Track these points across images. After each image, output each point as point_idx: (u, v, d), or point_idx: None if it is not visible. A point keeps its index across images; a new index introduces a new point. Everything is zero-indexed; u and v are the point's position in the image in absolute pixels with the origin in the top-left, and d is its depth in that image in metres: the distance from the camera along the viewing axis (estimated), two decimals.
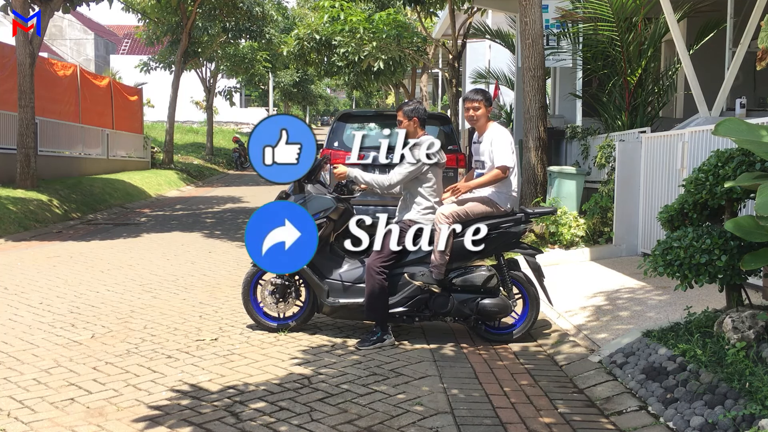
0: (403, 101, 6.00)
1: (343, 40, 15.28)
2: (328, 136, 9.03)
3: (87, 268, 8.04)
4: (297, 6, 36.75)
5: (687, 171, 6.72)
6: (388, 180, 5.18)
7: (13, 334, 5.25)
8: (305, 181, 5.51)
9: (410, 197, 5.26)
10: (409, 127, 5.28)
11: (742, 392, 3.37)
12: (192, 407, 3.82)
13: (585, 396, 4.09)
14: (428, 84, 30.51)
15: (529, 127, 9.62)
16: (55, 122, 16.28)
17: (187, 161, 25.41)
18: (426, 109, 5.51)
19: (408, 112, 5.29)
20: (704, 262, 4.09)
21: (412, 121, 5.28)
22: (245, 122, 47.88)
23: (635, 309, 5.55)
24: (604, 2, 9.53)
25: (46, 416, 3.66)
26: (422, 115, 5.35)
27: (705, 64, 10.32)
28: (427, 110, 6.30)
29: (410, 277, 5.10)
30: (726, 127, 3.79)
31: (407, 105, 5.38)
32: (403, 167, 5.14)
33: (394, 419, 3.69)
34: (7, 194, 11.95)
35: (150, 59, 27.55)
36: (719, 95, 8.02)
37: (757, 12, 7.60)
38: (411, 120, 5.28)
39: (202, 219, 13.23)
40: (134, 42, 44.19)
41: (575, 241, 8.38)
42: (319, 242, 5.36)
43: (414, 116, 5.29)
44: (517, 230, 5.18)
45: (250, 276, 5.52)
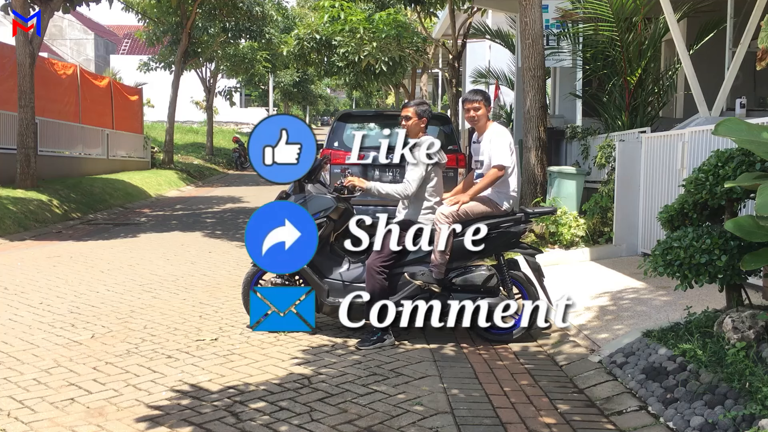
0: (413, 99, 6.01)
1: (343, 40, 15.28)
2: (328, 136, 9.04)
3: (87, 268, 8.04)
4: (297, 6, 36.74)
5: (687, 171, 6.72)
6: (405, 189, 5.16)
7: (13, 334, 5.25)
8: (305, 181, 5.52)
9: (411, 197, 5.26)
10: (416, 126, 5.29)
11: (742, 392, 3.37)
12: (192, 407, 3.82)
13: (585, 396, 4.09)
14: (428, 84, 30.55)
15: (529, 127, 9.62)
16: (55, 122, 16.28)
17: (187, 161, 25.42)
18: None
19: (420, 111, 5.30)
20: (704, 262, 4.09)
21: (421, 120, 5.30)
22: (245, 122, 47.87)
23: (635, 309, 5.55)
24: (604, 2, 9.53)
25: (46, 416, 3.66)
26: (430, 116, 5.39)
27: (705, 64, 10.32)
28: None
29: (410, 276, 5.11)
30: (726, 127, 3.78)
31: (421, 104, 5.39)
32: (415, 171, 5.13)
33: (394, 419, 3.69)
34: (7, 194, 11.95)
35: (150, 59, 27.53)
36: (719, 95, 8.03)
37: (757, 12, 7.60)
38: (421, 119, 5.29)
39: (202, 219, 13.23)
40: (134, 42, 44.18)
41: (575, 241, 8.38)
42: (319, 242, 5.37)
43: (424, 116, 5.31)
44: (517, 230, 5.18)
45: (250, 276, 5.53)
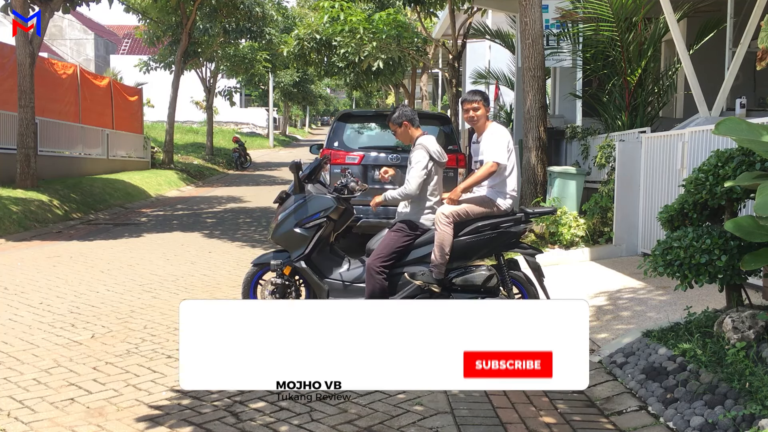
0: (411, 101, 6.04)
1: (343, 40, 15.27)
2: (328, 136, 9.03)
3: (87, 268, 8.04)
4: (297, 6, 36.74)
5: (687, 171, 6.72)
6: (405, 189, 5.17)
7: (13, 334, 5.25)
8: (305, 181, 5.52)
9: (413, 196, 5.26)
10: (403, 132, 5.34)
11: (742, 392, 3.37)
12: (192, 407, 3.82)
13: (585, 396, 4.09)
14: (428, 84, 30.50)
15: (529, 127, 9.62)
16: (55, 122, 16.27)
17: (187, 161, 25.40)
18: (411, 109, 5.54)
19: (395, 119, 5.35)
20: (704, 262, 4.09)
21: (403, 126, 5.33)
22: (245, 122, 47.88)
23: (635, 309, 5.55)
24: (604, 2, 9.53)
25: (46, 416, 3.66)
26: (409, 115, 5.38)
27: (705, 64, 10.32)
28: (418, 109, 6.32)
29: (410, 276, 5.10)
30: (726, 126, 3.78)
31: (392, 114, 5.42)
32: (415, 171, 5.14)
33: (394, 419, 3.69)
34: (7, 194, 11.95)
35: (150, 59, 27.53)
36: (719, 95, 8.03)
37: (757, 12, 7.60)
38: (401, 126, 5.33)
39: (202, 219, 13.22)
40: (134, 42, 44.17)
41: (575, 241, 8.38)
42: (319, 242, 5.37)
43: (401, 120, 5.33)
44: (516, 230, 5.18)
45: (250, 276, 5.53)
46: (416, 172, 5.14)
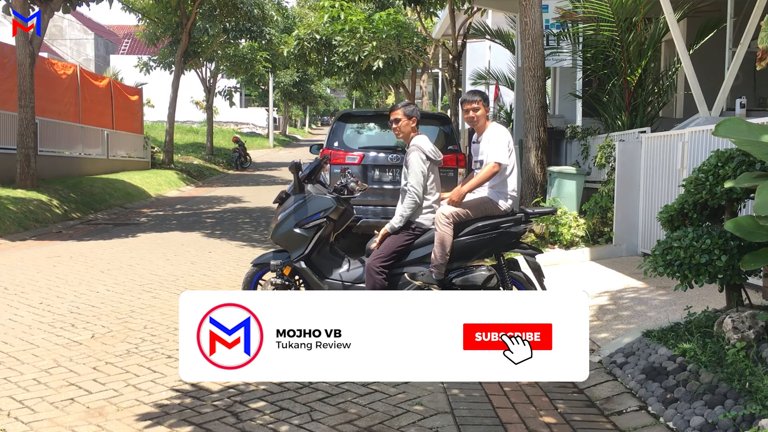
0: (412, 99, 6.05)
1: (343, 40, 15.27)
2: (328, 136, 9.03)
3: (87, 268, 8.04)
4: (297, 6, 36.73)
5: (687, 171, 6.72)
6: (411, 197, 5.14)
7: (13, 334, 5.25)
8: (305, 181, 5.52)
9: (419, 199, 5.25)
10: (407, 126, 5.30)
11: (742, 392, 3.37)
12: (192, 407, 3.82)
13: (585, 396, 4.09)
14: (428, 84, 30.51)
15: (529, 127, 9.62)
16: (55, 122, 16.27)
17: (187, 161, 25.40)
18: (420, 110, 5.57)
19: (409, 111, 5.31)
20: (704, 262, 4.09)
21: (411, 121, 5.31)
22: (245, 122, 47.87)
23: (635, 309, 5.55)
24: (604, 2, 9.53)
25: (46, 416, 3.66)
26: (419, 116, 5.41)
27: (705, 64, 10.32)
28: (424, 110, 6.32)
29: (410, 276, 5.10)
30: (726, 127, 3.78)
31: (407, 105, 5.39)
32: (415, 176, 5.13)
33: (394, 419, 3.69)
34: (7, 194, 11.95)
35: (150, 59, 27.53)
36: (719, 95, 8.02)
37: (757, 12, 7.60)
38: (410, 119, 5.30)
39: (202, 219, 13.22)
40: (134, 42, 44.16)
41: (575, 241, 8.38)
42: (319, 242, 5.37)
43: (413, 116, 5.33)
44: (516, 230, 5.18)
45: (250, 276, 5.53)
46: (416, 178, 5.13)
